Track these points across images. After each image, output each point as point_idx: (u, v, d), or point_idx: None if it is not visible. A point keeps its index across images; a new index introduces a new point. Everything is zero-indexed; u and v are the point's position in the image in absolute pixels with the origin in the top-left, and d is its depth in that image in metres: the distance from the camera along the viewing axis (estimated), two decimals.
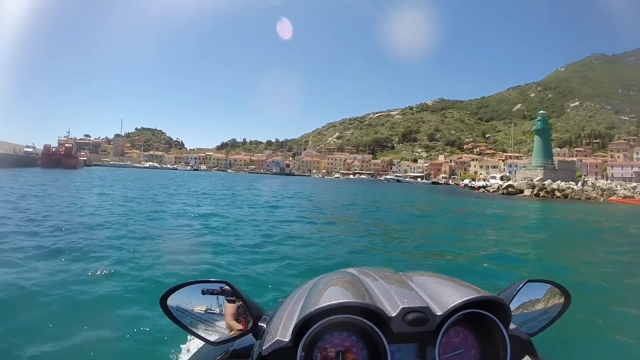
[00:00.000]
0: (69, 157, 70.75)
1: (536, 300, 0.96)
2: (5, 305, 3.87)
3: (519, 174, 52.92)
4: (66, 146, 76.63)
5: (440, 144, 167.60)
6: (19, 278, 4.62)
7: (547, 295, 0.97)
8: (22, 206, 11.77)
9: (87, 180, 32.33)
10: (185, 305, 0.90)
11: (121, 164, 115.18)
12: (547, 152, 52.31)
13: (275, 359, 0.68)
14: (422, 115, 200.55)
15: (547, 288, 0.97)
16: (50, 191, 18.62)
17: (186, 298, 0.90)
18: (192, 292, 0.91)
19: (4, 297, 4.02)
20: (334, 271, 0.91)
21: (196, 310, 0.90)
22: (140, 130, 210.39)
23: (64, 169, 60.71)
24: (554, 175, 47.09)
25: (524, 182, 46.00)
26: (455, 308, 0.70)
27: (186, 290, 0.91)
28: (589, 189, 42.54)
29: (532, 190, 42.92)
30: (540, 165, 49.72)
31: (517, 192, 44.53)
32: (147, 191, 22.73)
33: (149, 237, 7.91)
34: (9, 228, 8.03)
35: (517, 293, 0.91)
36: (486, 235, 11.65)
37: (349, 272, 0.88)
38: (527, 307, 0.95)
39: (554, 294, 0.96)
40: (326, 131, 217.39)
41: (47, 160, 66.46)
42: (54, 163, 64.89)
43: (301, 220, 12.66)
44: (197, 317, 0.90)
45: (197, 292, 0.91)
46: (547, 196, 41.17)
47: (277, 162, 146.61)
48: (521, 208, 25.31)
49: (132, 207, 13.59)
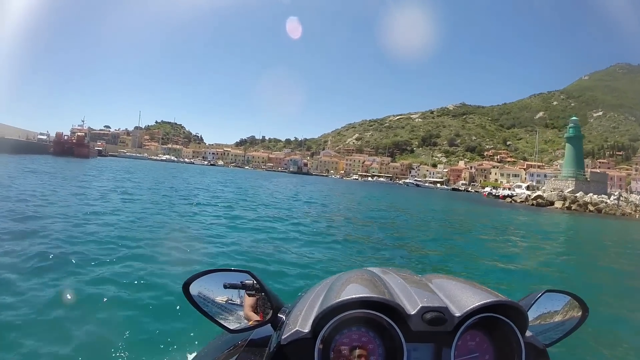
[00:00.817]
0: (80, 146, 69.77)
1: (553, 311, 0.95)
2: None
3: (548, 185, 52.00)
4: (78, 135, 74.69)
5: (460, 150, 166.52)
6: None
7: (564, 307, 0.96)
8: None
9: (85, 169, 32.05)
10: (206, 293, 0.91)
11: (138, 156, 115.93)
12: (579, 161, 51.02)
13: (294, 349, 0.69)
14: (443, 119, 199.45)
15: (566, 299, 0.96)
16: (29, 178, 18.48)
17: (208, 285, 0.92)
18: (214, 280, 0.93)
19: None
20: (355, 269, 0.92)
21: (217, 298, 0.92)
22: (160, 123, 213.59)
23: (75, 157, 60.08)
24: (586, 187, 46.08)
25: (554, 193, 45.29)
26: (474, 310, 0.70)
27: (209, 277, 0.93)
28: (623, 204, 41.57)
29: (564, 203, 42.26)
30: (571, 176, 48.69)
31: (547, 204, 43.85)
32: (132, 182, 22.47)
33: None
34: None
35: (535, 302, 0.91)
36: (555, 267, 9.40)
37: (369, 270, 0.90)
38: (544, 316, 0.95)
39: (572, 306, 0.96)
40: (346, 132, 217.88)
41: (59, 148, 65.76)
42: (65, 151, 64.30)
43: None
44: (217, 304, 0.91)
45: (219, 281, 0.93)
46: (579, 209, 40.38)
47: (294, 160, 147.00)
48: (558, 224, 23.95)
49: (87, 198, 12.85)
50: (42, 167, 27.39)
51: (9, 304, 3.77)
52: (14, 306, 3.73)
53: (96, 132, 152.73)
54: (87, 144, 75.28)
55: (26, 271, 4.76)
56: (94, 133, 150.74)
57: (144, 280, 4.79)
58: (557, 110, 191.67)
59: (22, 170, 22.50)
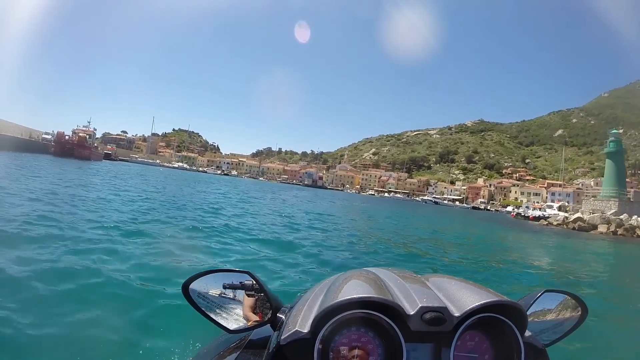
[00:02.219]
0: (81, 147, 67.32)
1: (552, 311, 0.95)
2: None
3: (586, 205, 49.02)
4: (80, 135, 72.03)
5: (478, 167, 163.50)
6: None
7: (564, 307, 0.96)
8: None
9: (69, 173, 27.40)
10: (206, 293, 0.91)
11: (149, 162, 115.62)
12: (621, 180, 47.50)
13: (293, 349, 0.69)
14: (461, 136, 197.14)
15: (565, 299, 0.96)
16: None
17: (208, 286, 0.92)
18: (214, 280, 0.93)
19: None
20: (354, 269, 0.91)
21: (216, 298, 0.92)
22: (178, 131, 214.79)
23: (75, 159, 57.86)
24: (629, 208, 42.98)
25: (596, 215, 42.27)
26: (473, 310, 0.70)
27: (208, 278, 0.93)
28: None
29: (608, 227, 39.30)
30: (613, 196, 45.52)
31: (590, 228, 40.75)
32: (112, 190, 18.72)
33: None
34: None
35: (534, 302, 0.91)
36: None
37: (369, 270, 0.89)
38: (544, 316, 0.94)
39: (572, 306, 0.95)
40: (362, 146, 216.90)
41: (60, 148, 63.84)
42: (66, 152, 62.36)
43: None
44: (217, 305, 0.91)
45: (218, 281, 0.93)
46: (625, 235, 37.68)
47: (310, 173, 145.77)
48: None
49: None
50: (22, 168, 24.10)
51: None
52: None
53: (113, 137, 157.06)
54: (89, 145, 72.36)
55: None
56: (111, 137, 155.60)
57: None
58: (577, 128, 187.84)
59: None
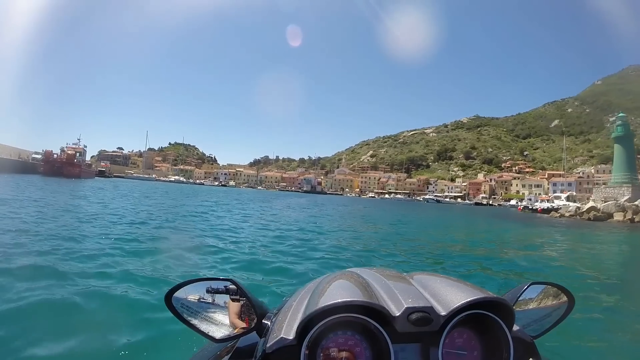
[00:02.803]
0: (70, 165, 65.68)
1: (539, 303, 0.95)
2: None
3: (598, 194, 47.35)
4: (68, 153, 70.22)
5: (477, 163, 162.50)
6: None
7: (550, 298, 0.96)
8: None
9: (47, 193, 23.54)
10: (189, 303, 0.89)
11: (145, 177, 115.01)
12: (631, 164, 45.84)
13: (279, 356, 0.68)
14: (458, 133, 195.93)
15: (551, 290, 0.96)
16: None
17: (191, 295, 0.90)
18: (197, 289, 0.91)
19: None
20: (339, 271, 0.90)
21: (201, 307, 0.90)
22: (174, 145, 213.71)
23: (65, 177, 56.26)
24: None
25: (610, 204, 40.50)
26: (460, 308, 0.69)
27: (191, 287, 0.91)
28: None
29: (625, 215, 37.65)
30: (626, 182, 43.79)
31: (605, 217, 38.80)
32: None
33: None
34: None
35: (520, 295, 0.91)
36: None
37: (353, 271, 0.88)
38: (530, 309, 0.94)
39: (558, 296, 0.96)
40: (360, 149, 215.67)
41: (49, 167, 62.50)
42: (55, 171, 61.00)
43: None
44: (201, 314, 0.89)
45: (202, 290, 0.91)
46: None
47: (308, 180, 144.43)
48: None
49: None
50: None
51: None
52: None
53: (109, 154, 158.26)
54: (78, 163, 70.65)
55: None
56: (107, 154, 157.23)
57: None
58: (573, 118, 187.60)
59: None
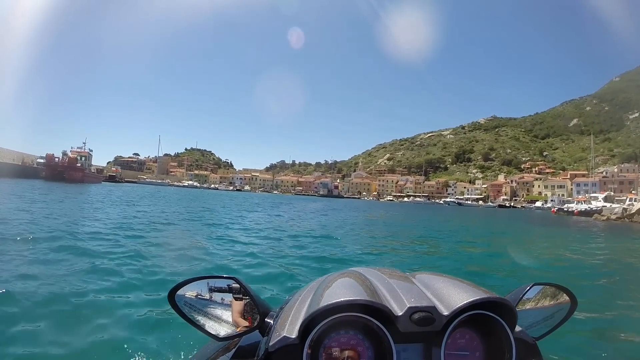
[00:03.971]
0: (72, 169, 63.50)
1: (542, 304, 0.95)
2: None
3: None
4: (70, 157, 67.90)
5: (496, 164, 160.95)
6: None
7: (553, 299, 0.95)
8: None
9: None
10: (193, 301, 0.90)
11: (158, 182, 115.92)
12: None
13: (282, 355, 0.68)
14: (475, 134, 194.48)
15: (554, 291, 0.96)
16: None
17: (194, 293, 0.91)
18: (200, 287, 0.92)
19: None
20: (342, 270, 0.90)
21: (204, 305, 0.91)
22: (190, 150, 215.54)
23: (66, 182, 54.04)
24: None
25: None
26: (462, 309, 0.69)
27: (194, 285, 0.91)
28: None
29: None
30: None
31: None
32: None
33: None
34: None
35: (523, 295, 0.91)
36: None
37: (356, 271, 0.88)
38: (533, 310, 0.94)
39: (560, 297, 0.95)
40: (376, 152, 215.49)
41: (51, 172, 60.28)
42: (57, 175, 59.09)
43: None
44: (204, 312, 0.90)
45: (205, 288, 0.92)
46: None
47: (324, 183, 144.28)
48: None
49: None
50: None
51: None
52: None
53: (125, 159, 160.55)
54: (81, 167, 68.35)
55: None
56: (123, 160, 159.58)
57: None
58: (592, 116, 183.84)
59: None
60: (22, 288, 4.49)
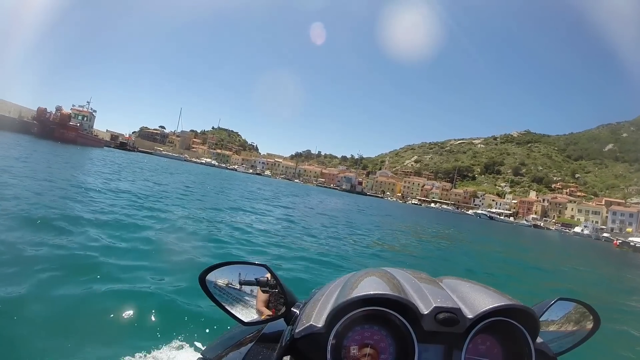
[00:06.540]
0: (63, 127, 58.27)
1: (565, 319, 0.94)
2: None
3: None
4: (62, 113, 61.57)
5: (526, 180, 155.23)
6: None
7: (576, 316, 0.94)
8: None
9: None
10: (222, 284, 0.93)
11: (173, 156, 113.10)
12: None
13: (306, 343, 0.69)
14: (507, 146, 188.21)
15: (578, 309, 0.95)
16: None
17: (224, 277, 0.94)
18: (230, 272, 0.95)
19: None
20: (370, 268, 0.91)
21: (232, 290, 0.93)
22: (217, 129, 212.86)
23: (56, 141, 49.47)
24: None
25: None
26: (486, 313, 0.70)
27: (225, 269, 0.94)
28: None
29: None
30: None
31: None
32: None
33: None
34: None
35: (547, 309, 0.91)
36: None
37: (384, 269, 0.89)
38: (556, 324, 0.93)
39: (584, 316, 0.94)
40: (404, 153, 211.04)
41: (42, 128, 55.35)
42: (48, 133, 54.37)
43: None
44: (232, 297, 0.93)
45: (235, 273, 0.94)
46: None
47: (348, 178, 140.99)
48: None
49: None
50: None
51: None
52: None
53: (149, 131, 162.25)
54: (74, 126, 61.80)
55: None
56: (148, 131, 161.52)
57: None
58: (628, 143, 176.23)
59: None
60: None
